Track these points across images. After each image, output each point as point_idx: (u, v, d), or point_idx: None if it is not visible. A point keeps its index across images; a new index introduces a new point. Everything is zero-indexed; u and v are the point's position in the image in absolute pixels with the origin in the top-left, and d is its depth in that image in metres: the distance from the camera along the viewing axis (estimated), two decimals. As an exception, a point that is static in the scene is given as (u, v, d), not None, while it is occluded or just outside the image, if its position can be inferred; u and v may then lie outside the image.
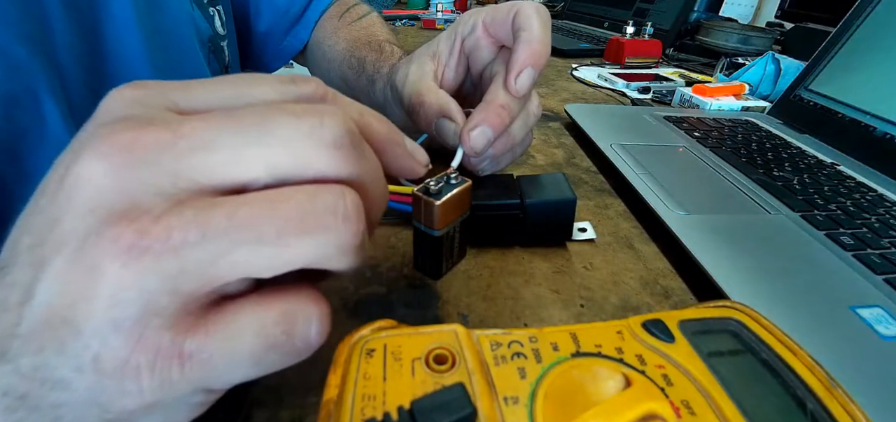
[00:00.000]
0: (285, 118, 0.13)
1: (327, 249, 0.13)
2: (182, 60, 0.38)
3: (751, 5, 1.38)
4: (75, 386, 0.11)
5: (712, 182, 0.37)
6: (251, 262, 0.12)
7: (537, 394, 0.14)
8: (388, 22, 0.71)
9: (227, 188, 0.13)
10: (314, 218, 0.12)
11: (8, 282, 0.12)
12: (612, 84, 0.69)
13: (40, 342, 0.11)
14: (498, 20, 0.29)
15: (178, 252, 0.11)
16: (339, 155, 0.13)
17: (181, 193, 0.12)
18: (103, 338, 0.11)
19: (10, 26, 0.26)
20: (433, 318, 0.24)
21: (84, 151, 0.12)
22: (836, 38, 0.53)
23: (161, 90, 0.14)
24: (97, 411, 0.12)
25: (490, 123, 0.26)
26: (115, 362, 0.11)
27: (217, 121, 0.13)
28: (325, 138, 0.13)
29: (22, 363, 0.11)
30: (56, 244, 0.11)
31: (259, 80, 0.15)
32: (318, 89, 0.16)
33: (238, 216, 0.12)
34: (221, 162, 0.12)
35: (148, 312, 0.11)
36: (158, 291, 0.11)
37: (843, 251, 0.28)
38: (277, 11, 0.52)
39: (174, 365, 0.12)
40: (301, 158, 0.13)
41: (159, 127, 0.12)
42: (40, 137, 0.27)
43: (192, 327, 0.12)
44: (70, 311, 0.11)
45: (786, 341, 0.16)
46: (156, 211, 0.11)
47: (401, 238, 0.29)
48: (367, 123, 0.16)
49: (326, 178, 0.13)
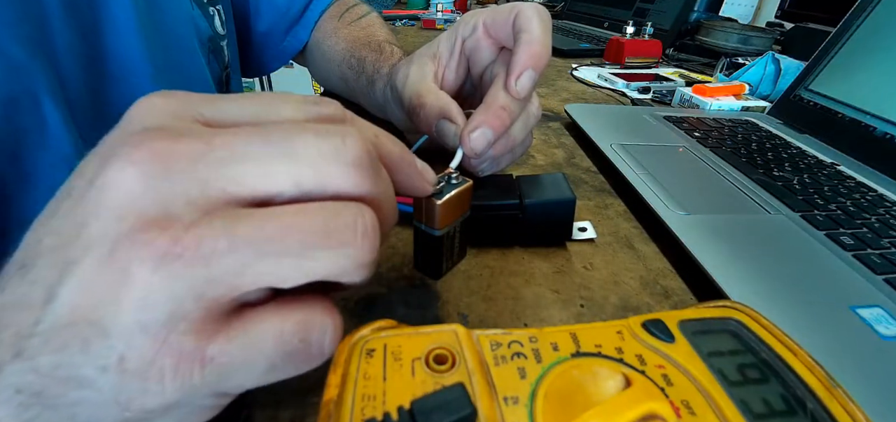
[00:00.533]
0: (310, 136, 0.14)
1: (346, 264, 0.13)
2: (182, 60, 0.38)
3: (751, 5, 1.38)
4: (99, 385, 0.12)
5: (712, 182, 0.37)
6: (274, 273, 0.13)
7: (537, 394, 0.14)
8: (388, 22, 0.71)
9: (253, 200, 0.13)
10: (336, 234, 0.13)
11: (30, 280, 0.12)
12: (612, 84, 0.69)
13: (63, 341, 0.11)
14: (498, 21, 0.29)
15: (208, 261, 0.12)
16: (358, 174, 0.14)
17: (210, 203, 0.12)
18: (130, 339, 0.11)
19: (10, 27, 0.26)
20: (433, 318, 0.24)
21: (115, 157, 0.12)
22: (836, 38, 0.53)
23: (190, 101, 0.14)
24: (117, 410, 0.12)
25: (490, 124, 0.26)
26: (140, 362, 0.12)
27: (247, 135, 0.13)
28: (346, 158, 0.14)
29: (40, 361, 0.11)
30: (83, 246, 0.12)
31: (283, 98, 0.16)
32: (337, 111, 0.16)
33: (266, 229, 0.12)
34: (251, 174, 0.13)
35: (174, 317, 0.12)
36: (186, 297, 0.12)
37: (843, 251, 0.28)
38: (277, 11, 0.52)
39: (196, 368, 0.12)
40: (324, 174, 0.14)
41: (192, 139, 0.13)
42: (40, 138, 0.27)
43: (214, 333, 0.12)
44: (96, 312, 0.11)
45: (786, 341, 0.16)
46: (186, 219, 0.12)
47: (401, 238, 0.29)
48: (382, 143, 0.17)
49: (345, 194, 0.14)
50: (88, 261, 0.11)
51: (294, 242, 0.13)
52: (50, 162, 0.27)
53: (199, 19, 0.41)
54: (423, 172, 0.20)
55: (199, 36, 0.41)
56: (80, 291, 0.11)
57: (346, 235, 0.13)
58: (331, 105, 0.16)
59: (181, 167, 0.12)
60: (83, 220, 0.12)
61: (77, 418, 0.12)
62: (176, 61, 0.37)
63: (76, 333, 0.11)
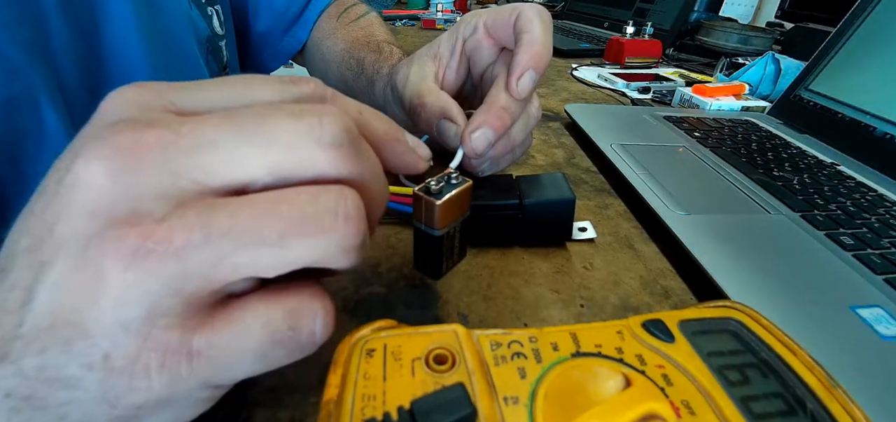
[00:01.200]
0: (285, 119, 0.13)
1: (329, 249, 0.13)
2: (180, 61, 0.38)
3: (751, 5, 1.38)
4: (85, 384, 0.11)
5: (712, 182, 0.37)
6: (254, 263, 0.12)
7: (537, 394, 0.14)
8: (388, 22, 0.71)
9: (228, 189, 0.13)
10: (315, 220, 0.13)
11: (8, 284, 0.12)
12: (612, 84, 0.69)
13: (43, 343, 0.11)
14: (499, 22, 0.29)
15: (181, 255, 0.11)
16: (338, 154, 0.14)
17: (182, 195, 0.12)
18: (113, 338, 0.11)
19: (8, 30, 0.26)
20: (433, 318, 0.24)
21: (82, 153, 0.12)
22: (836, 38, 0.53)
23: (161, 91, 0.14)
24: (106, 408, 0.12)
25: (491, 124, 0.26)
26: (125, 360, 0.11)
27: (217, 122, 0.13)
28: (324, 138, 0.13)
29: (25, 364, 0.11)
30: (55, 247, 0.11)
31: (258, 80, 0.15)
32: (317, 89, 0.16)
33: (240, 218, 0.12)
34: (222, 162, 0.12)
35: (154, 313, 0.11)
36: (163, 293, 0.11)
37: (843, 251, 0.28)
38: (276, 12, 0.52)
39: (183, 362, 0.12)
40: (301, 158, 0.13)
41: (160, 128, 0.12)
42: (39, 139, 0.27)
43: (199, 325, 0.12)
44: (75, 312, 0.11)
45: (786, 341, 0.16)
46: (158, 214, 0.12)
47: (401, 238, 0.29)
48: (367, 121, 0.17)
49: (327, 177, 0.13)
50: (62, 262, 0.11)
51: (271, 230, 0.12)
52: (48, 163, 0.27)
53: (198, 19, 0.41)
54: (416, 147, 0.19)
55: (197, 36, 0.41)
56: (57, 293, 0.11)
57: (327, 220, 0.13)
58: (309, 83, 0.16)
59: (150, 159, 0.12)
60: (54, 219, 0.12)
61: (67, 418, 0.12)
62: (174, 61, 0.37)
63: (57, 334, 0.11)
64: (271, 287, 0.13)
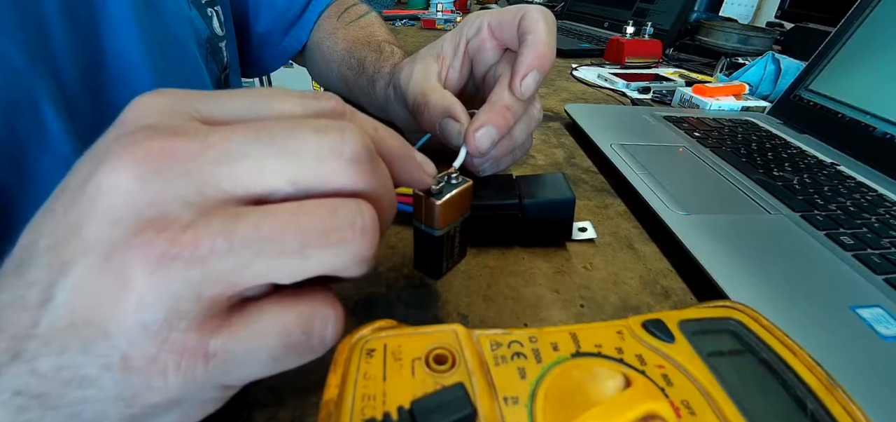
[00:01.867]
0: (309, 133, 0.14)
1: (346, 260, 0.13)
2: (180, 62, 0.38)
3: (751, 5, 1.38)
4: (102, 383, 0.12)
5: (712, 182, 0.37)
6: (274, 270, 0.13)
7: (537, 394, 0.14)
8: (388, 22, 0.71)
9: (251, 198, 0.13)
10: (335, 232, 0.13)
11: (26, 281, 0.12)
12: (612, 84, 0.69)
13: (63, 343, 0.11)
14: (504, 23, 0.29)
15: (206, 261, 0.12)
16: (357, 170, 0.14)
17: (207, 202, 0.12)
18: (132, 339, 0.11)
19: (8, 32, 0.26)
20: (433, 318, 0.24)
21: (109, 157, 0.12)
22: (835, 38, 0.53)
23: (185, 99, 0.14)
24: (121, 407, 0.12)
25: (494, 123, 0.26)
26: (143, 360, 0.12)
27: (243, 132, 0.13)
28: (345, 153, 0.14)
29: (40, 364, 0.11)
30: (78, 248, 0.12)
31: (281, 93, 0.16)
32: (337, 106, 0.16)
33: (263, 228, 0.12)
34: (247, 172, 0.13)
35: (174, 316, 0.12)
36: (185, 297, 0.12)
37: (843, 251, 0.28)
38: (276, 12, 0.52)
39: (199, 363, 0.12)
40: (322, 171, 0.14)
41: (187, 137, 0.13)
42: (40, 142, 0.27)
43: (216, 328, 0.12)
44: (96, 313, 0.11)
45: (786, 341, 0.16)
46: (183, 220, 0.12)
47: (401, 238, 0.29)
48: (382, 138, 0.17)
49: (344, 191, 0.14)
50: (85, 264, 0.11)
51: (292, 240, 0.13)
52: (50, 165, 0.27)
53: (197, 20, 0.41)
54: (423, 164, 0.20)
55: (196, 37, 0.41)
56: (78, 294, 0.11)
57: (345, 232, 0.13)
58: (331, 100, 0.16)
59: (177, 167, 0.12)
60: (78, 222, 0.12)
61: (81, 416, 0.12)
62: (174, 62, 0.37)
63: (76, 334, 0.11)
64: (285, 292, 0.14)
